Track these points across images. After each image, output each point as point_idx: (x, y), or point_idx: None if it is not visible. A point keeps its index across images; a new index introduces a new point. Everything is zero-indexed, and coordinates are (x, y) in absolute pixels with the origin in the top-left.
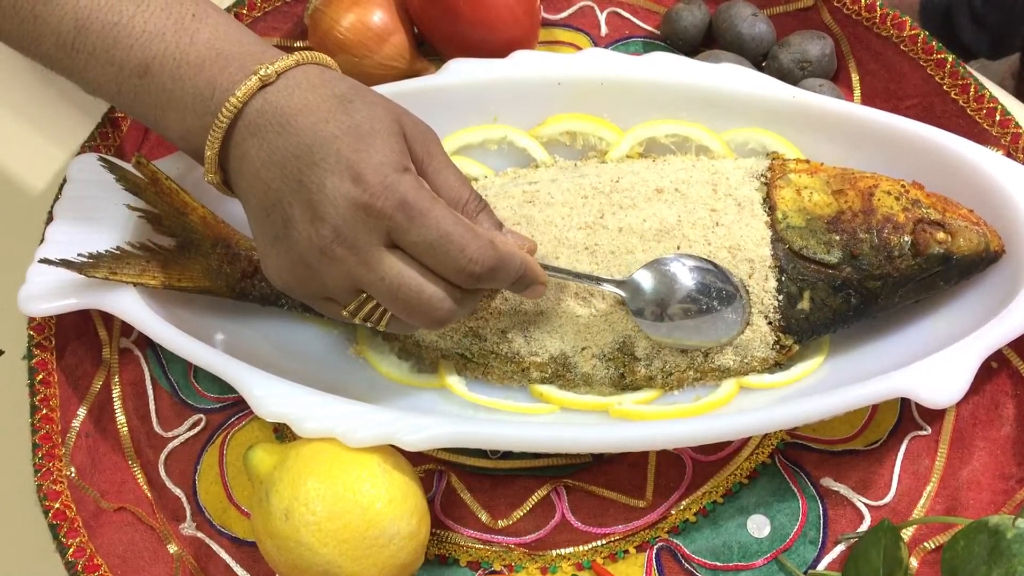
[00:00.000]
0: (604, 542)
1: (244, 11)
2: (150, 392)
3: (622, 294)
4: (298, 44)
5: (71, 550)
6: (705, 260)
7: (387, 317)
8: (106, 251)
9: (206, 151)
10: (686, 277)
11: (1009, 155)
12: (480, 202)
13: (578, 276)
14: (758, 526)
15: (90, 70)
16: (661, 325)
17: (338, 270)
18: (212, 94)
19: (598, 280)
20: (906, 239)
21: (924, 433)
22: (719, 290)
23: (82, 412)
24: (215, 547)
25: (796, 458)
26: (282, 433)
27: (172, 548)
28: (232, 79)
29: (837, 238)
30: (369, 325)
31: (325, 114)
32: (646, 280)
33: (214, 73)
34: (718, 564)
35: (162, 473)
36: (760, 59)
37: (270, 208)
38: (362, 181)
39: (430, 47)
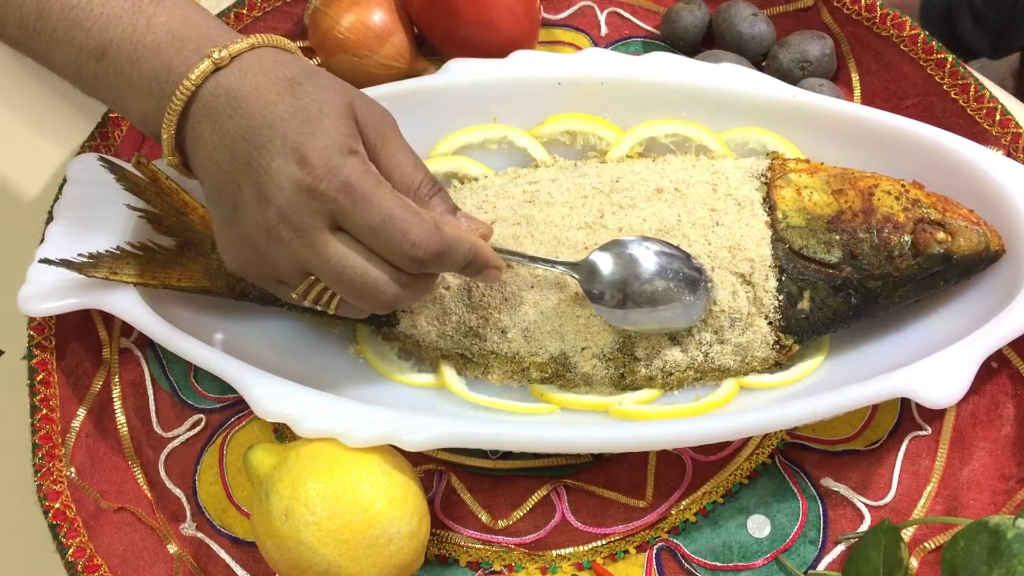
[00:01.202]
0: (604, 542)
1: (244, 11)
2: (150, 392)
3: (576, 276)
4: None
5: (71, 550)
6: (668, 244)
7: (336, 300)
8: (106, 251)
9: (163, 134)
10: (647, 260)
11: (1009, 155)
12: (434, 186)
13: (532, 259)
14: (758, 526)
15: (52, 52)
16: (617, 310)
17: (285, 252)
18: (167, 77)
19: (552, 263)
20: (906, 239)
21: (924, 433)
22: (680, 274)
23: (82, 412)
24: (215, 547)
25: (796, 458)
26: (282, 433)
27: (172, 548)
28: (187, 62)
29: (837, 238)
30: (319, 308)
31: (274, 96)
32: (604, 262)
33: (170, 56)
34: (718, 564)
35: (162, 473)
36: (760, 59)
37: (222, 190)
38: (306, 163)
39: (430, 47)
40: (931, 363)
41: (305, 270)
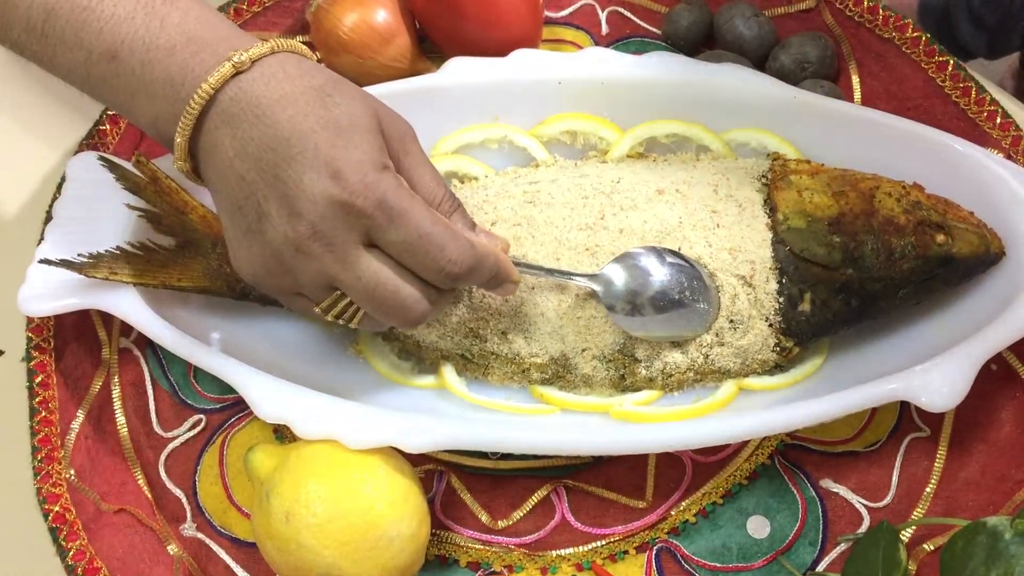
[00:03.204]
0: (604, 543)
1: (244, 6)
2: (150, 392)
3: (595, 288)
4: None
5: (71, 553)
6: (674, 253)
7: (360, 315)
8: (106, 251)
9: (176, 138)
10: (657, 270)
11: (1009, 157)
12: (454, 201)
13: (550, 272)
14: (758, 527)
15: (60, 56)
16: (634, 319)
17: (313, 267)
18: (183, 80)
19: (569, 275)
20: (907, 241)
21: (923, 435)
22: (690, 283)
23: (81, 414)
24: (215, 548)
25: (796, 459)
26: (282, 434)
27: (172, 549)
28: (204, 65)
29: (838, 240)
30: (341, 323)
31: (303, 107)
32: (617, 274)
33: (185, 58)
34: (718, 565)
35: (162, 474)
36: (761, 60)
37: (243, 200)
38: (341, 178)
39: (433, 44)
40: (930, 366)
41: (331, 285)
